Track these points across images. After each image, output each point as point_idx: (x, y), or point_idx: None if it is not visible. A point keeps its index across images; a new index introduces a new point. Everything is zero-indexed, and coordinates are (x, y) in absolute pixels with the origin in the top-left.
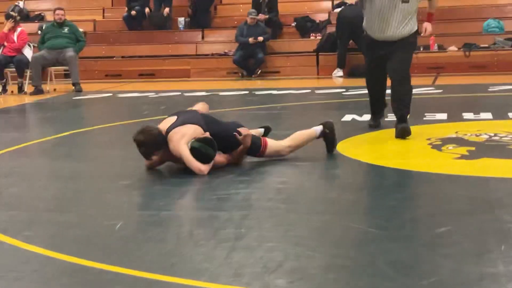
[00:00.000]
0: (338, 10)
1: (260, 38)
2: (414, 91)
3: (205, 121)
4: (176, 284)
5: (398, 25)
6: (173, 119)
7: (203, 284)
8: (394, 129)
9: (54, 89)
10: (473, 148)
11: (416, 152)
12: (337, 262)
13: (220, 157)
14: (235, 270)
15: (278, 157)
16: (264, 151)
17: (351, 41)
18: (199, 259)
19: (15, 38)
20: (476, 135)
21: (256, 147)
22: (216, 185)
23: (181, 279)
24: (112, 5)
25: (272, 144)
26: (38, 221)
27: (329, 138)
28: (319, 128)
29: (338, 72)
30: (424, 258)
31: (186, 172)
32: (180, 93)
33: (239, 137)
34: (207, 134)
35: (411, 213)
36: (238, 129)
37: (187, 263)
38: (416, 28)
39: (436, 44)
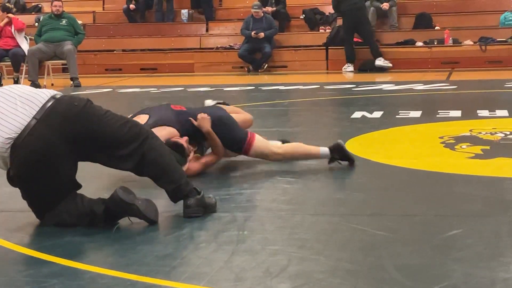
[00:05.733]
0: None
1: (261, 35)
2: (428, 87)
3: (178, 119)
4: None
5: None
6: (144, 117)
7: None
8: (405, 127)
9: (52, 84)
10: (488, 147)
11: (428, 151)
12: (344, 266)
13: (193, 164)
14: (236, 274)
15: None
16: (248, 148)
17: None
18: (199, 263)
19: (12, 30)
20: (491, 134)
21: (236, 141)
22: (218, 185)
23: (180, 283)
24: None
25: (260, 144)
26: (31, 223)
27: (343, 159)
28: (325, 151)
29: (348, 67)
30: (435, 262)
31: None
32: (183, 88)
33: (195, 122)
34: (182, 140)
35: (422, 215)
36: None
37: (187, 266)
38: None
39: (450, 38)
